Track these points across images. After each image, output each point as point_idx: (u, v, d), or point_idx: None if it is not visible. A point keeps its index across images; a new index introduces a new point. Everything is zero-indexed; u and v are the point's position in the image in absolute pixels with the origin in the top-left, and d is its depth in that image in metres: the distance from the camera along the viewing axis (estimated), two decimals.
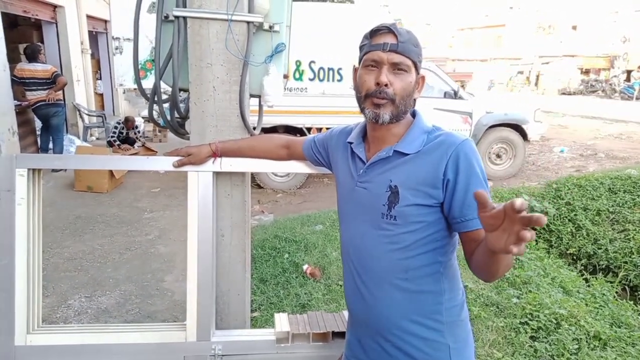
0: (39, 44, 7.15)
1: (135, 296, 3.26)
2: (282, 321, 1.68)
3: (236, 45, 1.53)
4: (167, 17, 1.55)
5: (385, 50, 1.10)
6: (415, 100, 1.19)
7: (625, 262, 4.83)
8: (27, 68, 5.95)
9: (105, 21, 9.75)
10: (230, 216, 1.70)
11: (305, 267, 3.54)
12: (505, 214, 0.80)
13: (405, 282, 1.13)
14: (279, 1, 1.58)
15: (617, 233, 5.26)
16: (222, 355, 1.59)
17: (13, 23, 8.04)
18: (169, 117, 1.73)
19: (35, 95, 6.02)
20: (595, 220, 5.40)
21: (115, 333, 1.61)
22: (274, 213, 5.20)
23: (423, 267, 1.13)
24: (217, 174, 1.62)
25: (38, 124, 6.66)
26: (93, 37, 9.88)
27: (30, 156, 1.52)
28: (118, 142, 7.20)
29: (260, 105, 1.77)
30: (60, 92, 6.37)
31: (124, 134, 7.33)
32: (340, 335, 1.63)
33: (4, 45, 6.04)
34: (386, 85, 1.09)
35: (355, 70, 1.21)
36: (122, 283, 3.42)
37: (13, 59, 6.58)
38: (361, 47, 1.17)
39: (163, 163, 1.58)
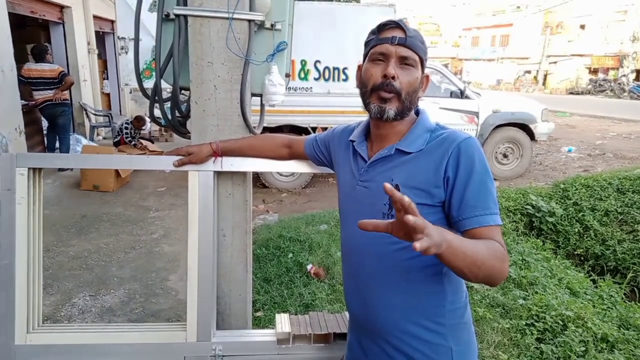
0: (46, 44, 7.20)
1: (139, 295, 3.26)
2: (284, 322, 1.66)
3: (237, 44, 1.52)
4: (167, 15, 1.55)
5: (394, 43, 1.09)
6: (419, 98, 1.17)
7: (634, 264, 4.77)
8: (34, 68, 5.98)
9: (112, 21, 9.79)
10: (231, 216, 1.69)
11: (309, 267, 3.53)
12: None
13: (407, 284, 1.11)
14: None
15: (626, 234, 5.20)
16: (223, 356, 1.58)
17: (21, 23, 8.09)
18: (170, 116, 1.72)
19: (42, 95, 6.06)
20: (603, 221, 5.34)
21: (116, 333, 1.60)
22: (279, 212, 5.19)
23: (425, 268, 1.10)
24: (218, 174, 1.61)
25: (45, 123, 6.70)
26: (100, 37, 9.93)
27: (30, 155, 1.52)
28: (134, 142, 7.20)
29: (261, 105, 1.75)
30: (67, 91, 6.40)
31: (132, 133, 7.32)
32: (341, 336, 1.61)
33: (11, 46, 6.06)
34: (393, 77, 1.08)
35: (359, 67, 1.19)
36: (126, 282, 3.43)
37: (21, 59, 6.63)
38: (367, 43, 1.16)
39: (164, 162, 1.57)
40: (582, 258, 5.15)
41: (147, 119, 7.68)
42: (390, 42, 1.09)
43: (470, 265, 0.91)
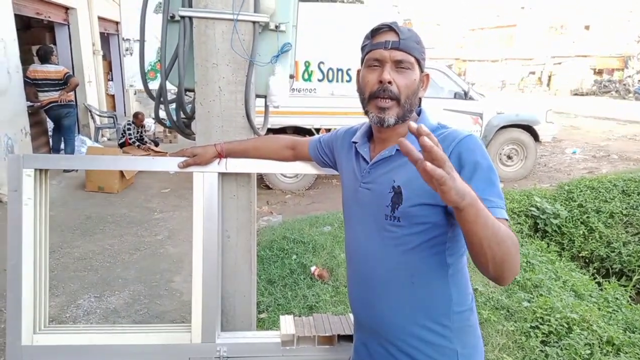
0: (52, 45, 7.24)
1: (144, 296, 3.27)
2: (288, 323, 1.66)
3: (242, 45, 1.52)
4: (172, 17, 1.55)
5: (387, 47, 1.08)
6: (420, 99, 1.17)
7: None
8: (39, 69, 6.02)
9: (117, 22, 9.83)
10: (236, 217, 1.69)
11: (313, 268, 3.53)
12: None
13: (412, 286, 1.11)
14: (285, 1, 1.57)
15: (631, 236, 5.17)
16: (227, 357, 1.58)
17: (26, 25, 8.15)
18: (174, 118, 1.72)
19: (47, 96, 6.09)
20: (608, 223, 5.31)
21: (121, 334, 1.61)
22: (283, 214, 5.19)
23: (430, 270, 1.10)
24: (223, 175, 1.61)
25: (50, 124, 6.74)
26: (105, 38, 9.97)
27: (37, 156, 1.52)
28: (138, 143, 7.22)
29: (266, 106, 1.75)
30: (72, 93, 6.43)
31: (136, 132, 7.33)
32: (346, 338, 1.61)
33: (17, 47, 6.11)
34: (389, 82, 1.08)
35: (358, 72, 1.19)
36: (131, 283, 3.44)
37: (26, 60, 6.67)
38: (363, 48, 1.16)
39: (168, 164, 1.58)
40: (587, 260, 5.13)
41: (147, 120, 7.69)
42: (384, 47, 1.09)
43: (490, 237, 0.86)
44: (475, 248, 0.89)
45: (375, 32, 1.12)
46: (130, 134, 7.20)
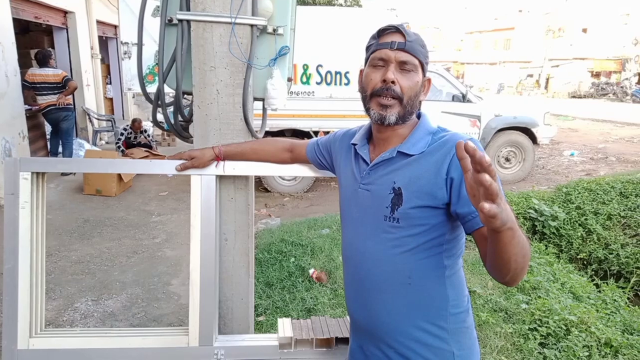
0: (50, 49, 7.24)
1: (141, 299, 3.26)
2: (286, 326, 1.66)
3: (240, 49, 1.52)
4: (170, 20, 1.55)
5: (393, 48, 1.09)
6: (421, 102, 1.17)
7: (638, 268, 4.75)
8: (37, 73, 6.02)
9: (115, 26, 9.85)
10: (233, 220, 1.69)
11: (311, 271, 3.52)
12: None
13: (408, 287, 1.11)
14: (283, 4, 1.57)
15: (629, 238, 5.18)
16: None
17: (25, 29, 8.16)
18: (172, 121, 1.72)
19: (45, 100, 6.09)
20: (606, 225, 5.32)
21: (118, 337, 1.60)
22: (281, 217, 5.19)
23: (427, 272, 1.10)
24: (221, 178, 1.62)
25: (48, 128, 6.73)
26: (103, 42, 9.98)
27: (34, 159, 1.52)
28: (122, 149, 7.20)
29: (264, 109, 1.75)
30: (70, 96, 6.43)
31: (132, 137, 7.35)
32: (344, 341, 1.60)
33: (15, 51, 6.11)
34: (393, 82, 1.08)
35: (361, 72, 1.20)
36: (128, 286, 3.43)
37: (25, 64, 6.67)
38: (368, 47, 1.17)
39: (166, 166, 1.58)
40: (585, 262, 5.13)
41: (146, 124, 7.71)
42: (390, 47, 1.09)
43: (518, 253, 0.86)
44: (502, 262, 0.89)
45: (382, 32, 1.13)
46: (128, 137, 7.21)
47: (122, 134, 7.26)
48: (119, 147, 7.20)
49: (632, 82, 26.24)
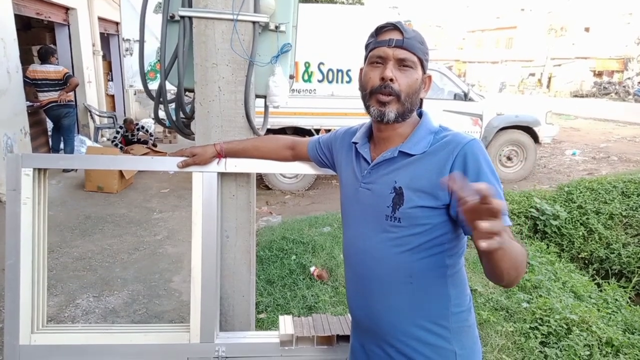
0: (52, 45, 7.24)
1: (142, 296, 3.26)
2: (287, 324, 1.66)
3: (242, 46, 1.52)
4: (172, 17, 1.55)
5: (391, 45, 1.09)
6: (421, 100, 1.17)
7: (639, 267, 4.74)
8: (39, 69, 6.02)
9: (117, 23, 9.83)
10: (235, 217, 1.69)
11: (312, 269, 3.52)
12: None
13: (410, 287, 1.11)
14: (285, 1, 1.57)
15: (631, 237, 5.18)
16: (226, 357, 1.57)
17: (26, 25, 8.16)
18: (174, 118, 1.72)
19: (47, 96, 6.09)
20: (608, 224, 5.32)
21: (119, 334, 1.61)
22: (282, 214, 5.19)
23: (428, 271, 1.10)
24: (222, 175, 1.61)
25: (50, 124, 6.74)
26: (104, 38, 9.97)
27: (35, 156, 1.52)
28: (121, 146, 7.21)
29: (265, 106, 1.75)
30: (72, 93, 6.44)
31: (129, 136, 7.36)
32: (345, 338, 1.60)
33: (17, 47, 6.10)
34: (391, 80, 1.08)
35: (360, 71, 1.19)
36: (130, 283, 3.43)
37: (26, 60, 6.67)
38: (367, 46, 1.16)
39: (168, 163, 1.57)
40: (587, 261, 5.13)
41: (147, 121, 7.72)
42: (388, 45, 1.09)
43: (510, 267, 0.91)
44: (496, 271, 0.94)
45: (379, 30, 1.13)
46: (125, 135, 7.23)
47: (117, 132, 7.28)
48: (116, 145, 7.20)
49: (635, 82, 26.17)
